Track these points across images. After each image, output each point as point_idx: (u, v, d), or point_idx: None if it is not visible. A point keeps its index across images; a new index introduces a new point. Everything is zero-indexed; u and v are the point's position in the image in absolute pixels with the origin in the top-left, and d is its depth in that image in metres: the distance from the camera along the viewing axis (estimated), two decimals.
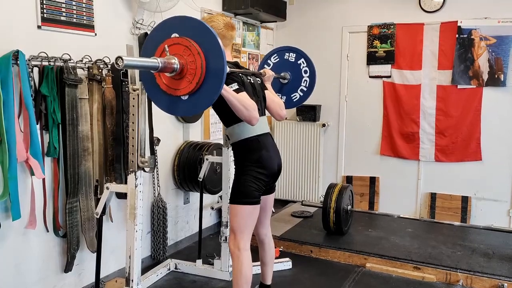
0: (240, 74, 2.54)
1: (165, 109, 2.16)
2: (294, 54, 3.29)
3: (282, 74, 3.27)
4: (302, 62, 3.27)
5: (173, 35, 2.03)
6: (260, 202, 2.58)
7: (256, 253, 2.90)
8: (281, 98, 3.25)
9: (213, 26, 2.56)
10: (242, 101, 2.33)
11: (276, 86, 3.20)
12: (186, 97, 2.03)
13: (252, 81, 2.65)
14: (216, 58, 1.97)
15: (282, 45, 3.47)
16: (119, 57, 1.78)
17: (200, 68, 1.97)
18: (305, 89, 3.30)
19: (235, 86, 2.37)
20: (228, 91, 2.30)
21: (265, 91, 2.76)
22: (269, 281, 2.94)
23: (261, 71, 2.93)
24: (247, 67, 4.89)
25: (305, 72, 3.27)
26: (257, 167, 2.52)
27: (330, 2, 5.15)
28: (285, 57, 3.30)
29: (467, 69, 4.54)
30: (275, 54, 3.32)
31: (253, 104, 2.37)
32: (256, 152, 2.53)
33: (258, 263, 2.98)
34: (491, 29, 4.41)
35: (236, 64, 2.65)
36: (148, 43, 2.15)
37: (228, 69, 2.31)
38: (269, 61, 3.33)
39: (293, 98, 3.32)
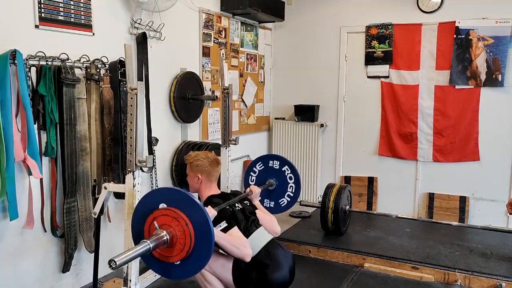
0: (228, 207, 2.62)
1: (159, 273, 2.24)
2: (278, 162, 3.51)
3: (267, 182, 3.49)
4: (287, 169, 3.49)
5: (160, 206, 2.09)
6: None
7: None
8: (269, 203, 3.50)
9: (199, 165, 2.74)
10: (231, 242, 2.44)
11: (264, 193, 3.40)
12: (179, 262, 2.10)
13: (241, 206, 2.75)
14: (204, 226, 2.03)
15: (267, 154, 3.75)
16: (111, 260, 1.84)
17: (189, 237, 2.04)
18: (291, 194, 3.52)
19: (223, 224, 2.47)
20: (217, 235, 2.34)
21: (256, 211, 2.87)
22: None
23: (247, 190, 3.10)
24: (245, 68, 4.90)
25: (290, 178, 3.49)
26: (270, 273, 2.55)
27: (328, 3, 5.15)
28: (269, 165, 3.52)
29: (465, 69, 4.55)
30: (260, 162, 3.54)
31: (243, 242, 2.47)
32: (266, 269, 2.55)
33: None
34: (489, 30, 4.42)
35: (221, 196, 2.75)
36: (137, 212, 2.20)
37: (215, 213, 2.45)
38: (254, 168, 3.55)
39: (281, 203, 3.54)
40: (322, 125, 5.22)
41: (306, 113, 5.23)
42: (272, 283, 2.55)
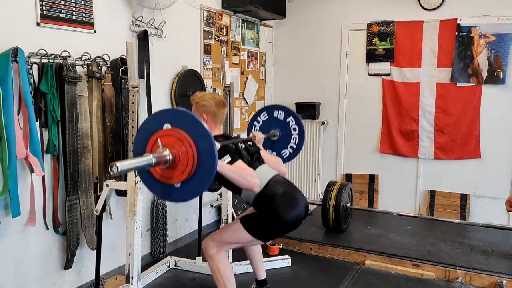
0: (231, 144, 2.59)
1: (160, 195, 2.23)
2: (283, 112, 3.42)
3: (271, 132, 3.41)
4: (291, 120, 3.40)
5: (165, 126, 2.06)
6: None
7: (243, 252, 2.94)
8: (271, 154, 3.39)
9: (205, 105, 2.66)
10: (238, 172, 2.38)
11: (266, 143, 3.33)
12: (179, 185, 2.07)
13: (245, 146, 2.72)
14: (207, 150, 2.00)
15: (272, 104, 3.60)
16: (113, 164, 1.82)
17: (192, 159, 2.00)
18: (294, 146, 3.43)
19: (227, 158, 2.44)
20: (223, 166, 2.32)
21: (260, 152, 2.83)
22: (263, 276, 2.97)
23: (250, 135, 3.04)
24: (246, 66, 4.90)
25: (294, 129, 3.40)
26: (285, 217, 2.50)
27: (330, 0, 5.14)
28: (274, 115, 3.44)
29: (467, 66, 4.54)
30: (264, 112, 3.46)
31: (250, 172, 2.42)
32: (277, 197, 2.51)
33: (247, 261, 3.00)
34: (491, 27, 4.41)
35: (224, 137, 2.71)
36: (141, 132, 2.17)
37: (219, 145, 2.39)
38: (258, 118, 3.47)
39: (283, 154, 3.45)
40: (323, 123, 5.22)
41: (307, 111, 5.23)
42: (292, 204, 2.51)
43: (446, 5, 4.59)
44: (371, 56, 4.97)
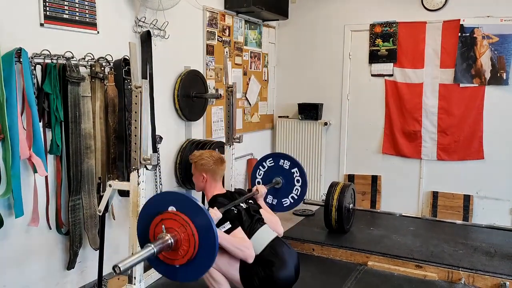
0: (233, 208, 2.63)
1: (163, 274, 2.27)
2: (289, 162, 3.53)
3: (274, 180, 3.52)
4: (296, 171, 3.51)
5: (170, 208, 2.11)
6: None
7: None
8: (272, 201, 3.53)
9: (203, 164, 2.75)
10: (234, 244, 2.46)
11: (269, 190, 3.41)
12: (181, 266, 2.13)
13: (246, 206, 2.76)
14: (209, 244, 2.06)
15: (277, 152, 3.72)
16: (115, 266, 1.83)
17: (193, 247, 2.07)
18: (296, 197, 3.54)
19: (227, 226, 2.50)
20: (221, 237, 2.35)
21: (260, 210, 2.89)
22: None
23: (254, 189, 3.10)
24: (249, 66, 4.90)
25: (297, 181, 3.51)
26: (276, 271, 2.56)
27: (332, 1, 5.14)
28: (279, 163, 3.54)
29: (470, 67, 4.53)
30: (271, 158, 3.55)
31: (246, 243, 2.50)
32: (272, 265, 2.57)
33: None
34: (494, 28, 4.40)
35: (226, 196, 2.76)
36: (146, 208, 2.22)
37: (220, 215, 2.47)
38: (264, 163, 3.56)
39: (283, 203, 3.56)
40: (325, 124, 5.22)
41: (310, 111, 5.23)
42: (278, 280, 2.56)
43: (449, 5, 4.58)
44: (374, 57, 4.96)
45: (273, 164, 3.54)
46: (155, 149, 3.28)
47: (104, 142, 3.00)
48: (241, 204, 2.76)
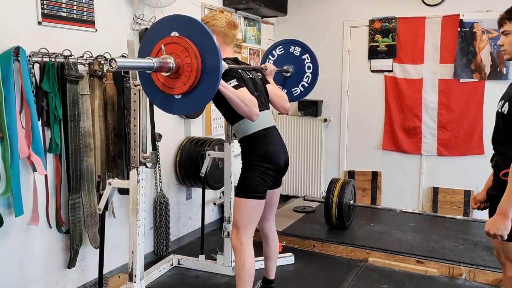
0: (240, 70, 2.52)
1: (159, 106, 2.16)
2: (300, 49, 3.28)
3: (285, 67, 3.26)
4: (307, 57, 3.26)
5: (172, 33, 2.00)
6: (265, 197, 2.58)
7: (260, 248, 2.90)
8: (282, 90, 3.21)
9: (215, 24, 2.58)
10: (241, 97, 2.32)
11: (278, 79, 3.20)
12: (179, 96, 2.03)
13: (252, 76, 2.64)
14: (213, 65, 1.94)
15: (289, 38, 3.45)
16: (112, 59, 1.77)
17: (195, 71, 1.95)
18: (306, 84, 3.29)
19: (234, 82, 2.36)
20: (227, 88, 2.29)
21: (267, 85, 2.75)
22: (272, 276, 2.95)
23: (263, 65, 2.93)
24: (248, 63, 4.88)
25: (309, 68, 3.26)
26: (264, 162, 2.51)
27: None
28: (290, 50, 3.29)
29: (469, 62, 4.52)
30: (281, 46, 3.32)
31: (252, 100, 2.35)
32: (263, 146, 2.52)
33: (262, 258, 2.98)
34: (493, 22, 4.32)
35: (235, 60, 2.65)
36: (147, 37, 2.12)
37: (227, 66, 2.32)
38: (274, 52, 3.32)
39: (293, 92, 3.31)
40: (325, 120, 5.21)
41: (309, 108, 5.22)
42: (272, 159, 2.53)
43: (448, 0, 4.56)
44: (373, 53, 4.95)
45: (283, 51, 3.31)
46: (154, 147, 3.27)
47: (103, 140, 3.00)
48: (248, 73, 2.62)
